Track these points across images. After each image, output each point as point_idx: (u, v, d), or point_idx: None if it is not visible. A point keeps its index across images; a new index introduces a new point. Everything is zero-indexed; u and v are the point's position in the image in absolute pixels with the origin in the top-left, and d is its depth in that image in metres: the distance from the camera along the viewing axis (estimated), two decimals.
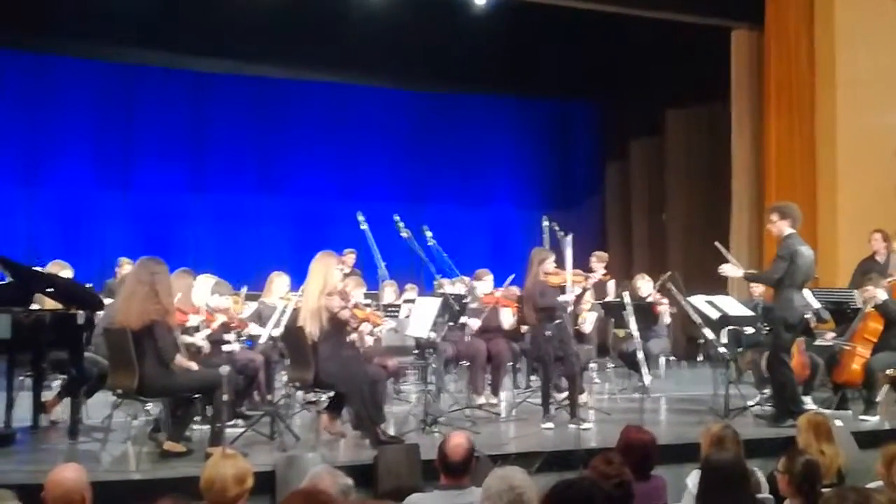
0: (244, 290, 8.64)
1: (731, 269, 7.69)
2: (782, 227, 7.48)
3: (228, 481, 3.65)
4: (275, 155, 14.27)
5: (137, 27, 11.53)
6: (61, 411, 7.17)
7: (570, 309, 7.83)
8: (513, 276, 9.32)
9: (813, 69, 11.42)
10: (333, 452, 6.36)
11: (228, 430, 6.37)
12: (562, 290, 7.61)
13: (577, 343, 8.08)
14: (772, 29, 11.98)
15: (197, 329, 7.08)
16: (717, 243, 8.02)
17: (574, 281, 7.66)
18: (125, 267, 9.94)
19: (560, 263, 7.69)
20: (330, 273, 6.60)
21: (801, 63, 11.60)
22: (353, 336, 6.89)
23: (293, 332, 6.77)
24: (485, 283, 8.96)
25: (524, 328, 9.09)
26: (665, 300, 9.66)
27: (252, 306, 8.30)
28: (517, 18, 12.62)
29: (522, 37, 12.79)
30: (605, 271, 9.74)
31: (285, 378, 7.40)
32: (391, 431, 6.81)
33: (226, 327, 7.36)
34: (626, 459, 4.08)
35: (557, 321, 7.55)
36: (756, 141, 12.23)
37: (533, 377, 9.56)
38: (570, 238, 7.63)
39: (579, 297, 8.21)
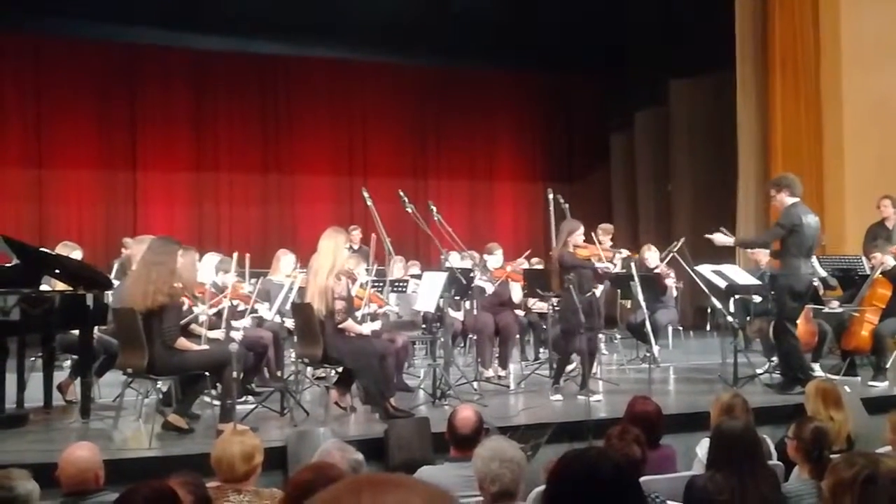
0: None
1: (721, 237, 7.63)
2: (783, 199, 7.44)
3: (238, 458, 3.68)
4: (278, 131, 14.24)
5: (139, 5, 11.47)
6: (77, 392, 7.22)
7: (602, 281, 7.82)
8: (529, 251, 9.34)
9: (818, 35, 11.29)
10: (343, 427, 6.40)
11: (239, 407, 6.42)
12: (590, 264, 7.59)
13: None
14: None
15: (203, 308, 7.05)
16: (721, 230, 7.87)
17: (605, 257, 7.64)
18: (130, 248, 9.93)
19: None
20: (339, 253, 6.61)
21: (805, 29, 11.47)
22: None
23: (301, 309, 6.78)
24: (495, 257, 8.95)
25: (531, 301, 9.10)
26: (671, 272, 9.65)
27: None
28: None
29: (525, 8, 12.69)
30: (611, 243, 9.76)
31: (294, 354, 7.43)
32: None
33: (232, 307, 7.32)
34: None
35: (588, 294, 7.47)
36: (761, 109, 12.12)
37: (542, 350, 9.57)
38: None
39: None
